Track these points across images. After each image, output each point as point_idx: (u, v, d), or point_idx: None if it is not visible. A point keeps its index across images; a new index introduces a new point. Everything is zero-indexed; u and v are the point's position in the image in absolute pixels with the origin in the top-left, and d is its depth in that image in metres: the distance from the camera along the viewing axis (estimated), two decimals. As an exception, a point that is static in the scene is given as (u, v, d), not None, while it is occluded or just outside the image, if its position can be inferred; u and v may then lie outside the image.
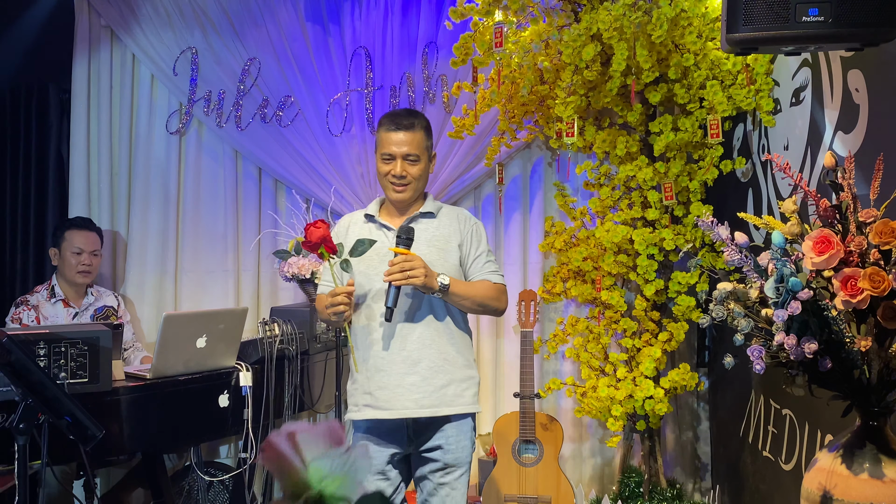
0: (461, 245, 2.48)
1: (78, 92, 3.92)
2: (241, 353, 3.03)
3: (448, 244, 2.46)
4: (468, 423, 2.46)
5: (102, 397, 2.57)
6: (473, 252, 2.50)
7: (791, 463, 2.56)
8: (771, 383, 2.80)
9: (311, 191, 3.86)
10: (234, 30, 3.88)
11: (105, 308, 3.57)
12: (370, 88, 3.85)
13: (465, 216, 2.55)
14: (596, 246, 3.52)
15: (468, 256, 2.49)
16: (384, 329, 2.39)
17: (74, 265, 3.46)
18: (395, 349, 2.38)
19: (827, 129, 2.34)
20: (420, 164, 2.45)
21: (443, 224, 2.49)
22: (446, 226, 2.49)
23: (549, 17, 3.21)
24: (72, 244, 3.46)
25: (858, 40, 1.78)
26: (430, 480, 2.43)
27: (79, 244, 3.47)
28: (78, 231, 3.49)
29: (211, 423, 2.92)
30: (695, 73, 3.08)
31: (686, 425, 3.80)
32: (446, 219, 2.51)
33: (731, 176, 3.26)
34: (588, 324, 3.58)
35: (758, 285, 1.67)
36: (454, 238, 2.48)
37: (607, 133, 3.46)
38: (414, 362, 2.37)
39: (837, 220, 1.63)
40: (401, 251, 2.30)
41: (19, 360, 1.90)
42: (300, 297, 3.76)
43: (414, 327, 2.39)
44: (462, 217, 2.54)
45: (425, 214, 2.50)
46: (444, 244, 2.46)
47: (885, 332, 1.55)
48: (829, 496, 1.58)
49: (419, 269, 2.26)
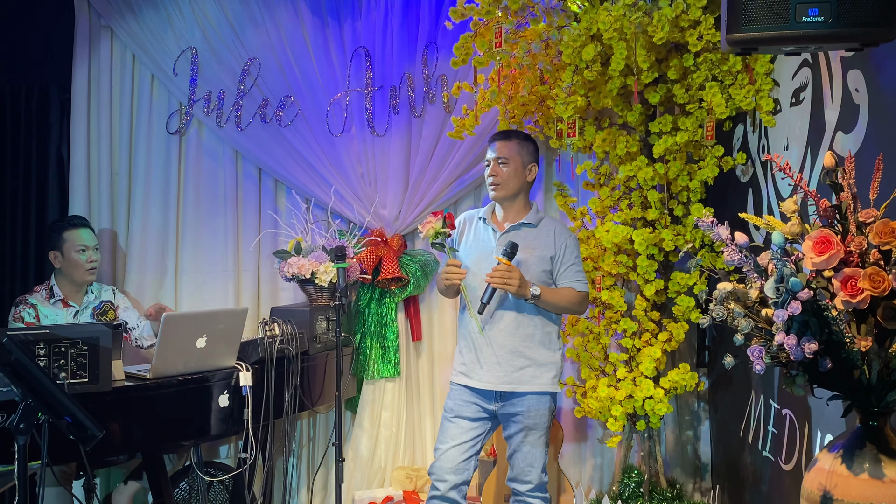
0: (553, 257, 2.90)
1: (78, 92, 3.91)
2: (241, 353, 3.03)
3: (543, 253, 2.88)
4: (546, 398, 2.88)
5: (102, 397, 2.57)
6: (565, 262, 2.91)
7: (791, 463, 2.56)
8: (771, 383, 2.80)
9: (311, 191, 3.86)
10: (234, 30, 3.87)
11: (103, 303, 3.55)
12: (370, 88, 3.85)
13: (561, 230, 2.96)
14: (596, 246, 3.52)
15: (559, 265, 2.91)
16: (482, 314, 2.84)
17: (82, 263, 3.43)
18: (486, 332, 2.86)
19: (827, 129, 2.34)
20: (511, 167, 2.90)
21: (541, 235, 2.92)
22: (544, 237, 2.91)
23: (549, 17, 3.21)
24: (74, 243, 3.44)
25: (858, 40, 1.78)
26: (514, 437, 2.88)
27: (81, 242, 3.45)
28: (76, 230, 3.47)
29: (211, 423, 2.92)
30: (695, 73, 3.08)
31: (686, 425, 3.80)
32: (545, 230, 2.93)
33: (731, 176, 3.26)
34: (588, 324, 3.57)
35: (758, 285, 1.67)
36: (549, 250, 2.89)
37: (607, 133, 3.46)
38: (500, 345, 2.84)
39: (837, 220, 1.64)
40: (503, 261, 2.75)
41: (19, 360, 1.89)
42: (300, 297, 3.76)
43: (503, 315, 2.85)
44: (559, 231, 2.94)
45: (526, 224, 2.93)
46: (540, 253, 2.88)
47: (885, 332, 1.55)
48: (829, 496, 1.58)
49: (515, 280, 2.73)
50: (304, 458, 3.92)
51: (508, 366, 2.84)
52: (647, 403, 3.33)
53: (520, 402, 2.86)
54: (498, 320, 2.86)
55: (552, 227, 2.95)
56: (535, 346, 2.86)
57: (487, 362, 2.85)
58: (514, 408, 2.87)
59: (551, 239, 2.91)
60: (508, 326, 2.85)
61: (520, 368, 2.84)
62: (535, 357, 2.86)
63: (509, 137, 2.98)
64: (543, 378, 2.87)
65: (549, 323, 2.91)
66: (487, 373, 2.85)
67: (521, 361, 2.84)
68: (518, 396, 2.86)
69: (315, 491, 3.87)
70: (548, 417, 2.90)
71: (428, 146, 3.79)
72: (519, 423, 2.87)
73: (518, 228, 2.93)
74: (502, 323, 2.86)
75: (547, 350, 2.89)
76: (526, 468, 2.88)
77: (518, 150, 2.94)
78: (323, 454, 3.87)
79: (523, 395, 2.85)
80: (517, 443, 2.89)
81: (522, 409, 2.86)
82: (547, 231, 2.93)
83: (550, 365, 2.88)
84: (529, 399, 2.85)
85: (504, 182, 2.92)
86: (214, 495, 3.49)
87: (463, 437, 2.88)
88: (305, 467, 3.92)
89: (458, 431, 2.88)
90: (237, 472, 3.24)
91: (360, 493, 3.73)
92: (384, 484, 3.82)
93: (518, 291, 2.75)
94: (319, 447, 3.92)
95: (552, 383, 2.89)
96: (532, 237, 2.91)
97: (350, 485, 3.78)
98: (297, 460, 3.87)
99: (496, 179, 2.93)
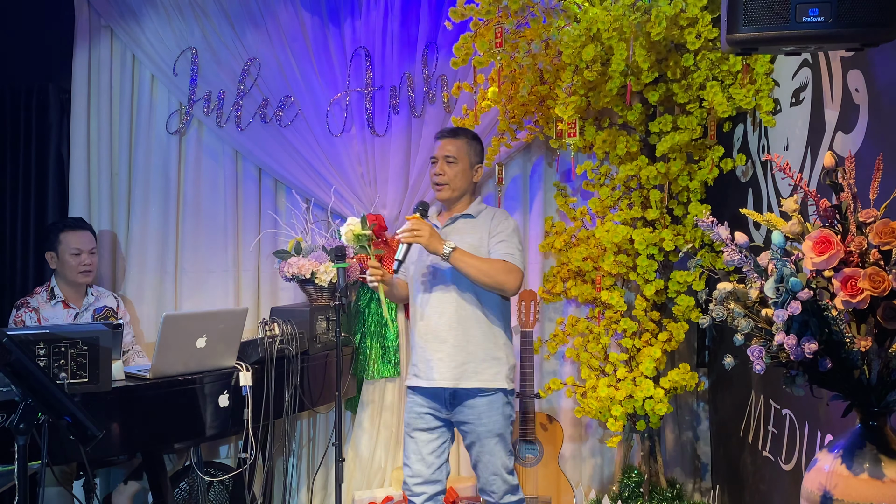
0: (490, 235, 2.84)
1: (78, 92, 3.91)
2: (241, 353, 3.03)
3: (478, 242, 2.84)
4: (497, 396, 2.83)
5: (102, 397, 2.57)
6: (496, 238, 2.83)
7: (791, 463, 2.56)
8: (771, 383, 2.80)
9: (311, 191, 3.86)
10: (234, 30, 3.87)
11: (105, 308, 3.56)
12: (370, 88, 3.85)
13: (500, 215, 2.92)
14: (596, 246, 3.52)
15: (490, 242, 2.84)
16: (425, 315, 2.86)
17: (75, 266, 3.44)
18: (430, 331, 2.85)
19: (827, 129, 2.34)
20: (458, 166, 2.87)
21: (478, 223, 2.88)
22: (481, 225, 2.88)
23: (549, 17, 3.21)
24: (69, 246, 3.45)
25: (858, 40, 1.78)
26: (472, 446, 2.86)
27: (76, 245, 3.45)
28: (73, 232, 3.47)
29: (211, 423, 2.92)
30: (694, 73, 3.08)
31: (686, 425, 3.80)
32: (483, 219, 2.90)
33: (732, 176, 3.26)
34: (588, 324, 3.58)
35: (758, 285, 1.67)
36: (485, 235, 2.85)
37: (607, 133, 3.46)
38: (442, 341, 2.81)
39: (837, 220, 1.64)
40: (414, 217, 2.75)
41: (19, 360, 1.89)
42: (300, 297, 3.76)
43: (444, 312, 2.83)
44: (497, 216, 2.90)
45: (465, 216, 2.91)
46: (473, 241, 2.83)
47: (885, 332, 1.55)
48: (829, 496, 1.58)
49: (425, 232, 2.69)
50: (304, 458, 3.92)
51: (452, 361, 2.80)
52: (647, 403, 3.33)
53: (470, 408, 2.82)
54: (440, 316, 2.83)
55: (491, 215, 2.92)
56: (479, 342, 2.82)
57: (433, 359, 2.82)
58: (464, 415, 2.83)
59: (487, 224, 2.87)
60: (450, 321, 2.81)
61: (464, 363, 2.80)
62: (480, 353, 2.82)
63: (457, 135, 2.93)
64: (489, 373, 2.82)
65: (494, 319, 2.86)
66: (434, 370, 2.82)
67: (463, 357, 2.80)
68: (468, 399, 2.82)
69: (315, 491, 3.87)
70: (502, 419, 2.84)
71: (428, 146, 3.79)
72: (473, 431, 2.83)
73: (456, 220, 2.91)
74: (444, 318, 2.82)
75: (492, 345, 2.84)
76: (490, 478, 2.85)
77: (466, 150, 2.90)
78: (323, 454, 3.87)
79: (473, 398, 2.81)
80: (476, 453, 2.86)
81: (473, 418, 2.82)
82: (485, 220, 2.90)
83: (496, 360, 2.83)
84: (479, 403, 2.81)
85: (450, 182, 2.88)
86: (214, 495, 3.49)
87: (425, 449, 2.88)
88: (305, 467, 3.92)
89: (419, 446, 2.89)
90: (237, 472, 3.24)
91: (360, 493, 3.73)
92: (384, 484, 3.82)
93: (429, 243, 2.69)
94: (319, 447, 3.92)
95: (501, 379, 2.83)
96: (470, 227, 2.88)
97: (350, 485, 3.78)
98: (297, 460, 3.87)
99: (443, 179, 2.88)
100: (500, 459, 2.84)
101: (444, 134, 2.95)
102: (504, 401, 2.86)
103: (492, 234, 2.85)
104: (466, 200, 2.95)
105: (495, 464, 2.83)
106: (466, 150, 2.90)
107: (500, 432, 2.84)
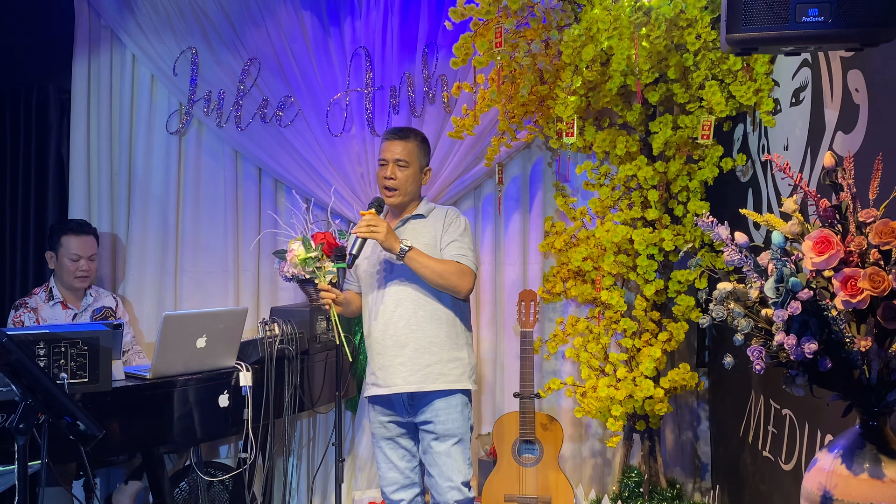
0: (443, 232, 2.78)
1: (78, 92, 3.91)
2: (241, 353, 3.03)
3: (431, 241, 2.78)
4: (456, 398, 2.77)
5: (102, 397, 2.57)
6: (448, 238, 2.78)
7: (791, 463, 2.56)
8: (771, 383, 2.80)
9: (311, 191, 3.86)
10: (234, 30, 3.87)
11: (103, 309, 3.56)
12: (370, 88, 3.85)
13: (452, 214, 2.85)
14: (596, 246, 3.52)
15: (442, 243, 2.78)
16: (380, 319, 2.79)
17: (72, 271, 3.44)
18: (388, 335, 2.76)
19: (827, 129, 2.34)
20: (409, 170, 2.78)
21: (429, 223, 2.82)
22: (432, 225, 2.81)
23: (549, 17, 3.21)
24: (69, 250, 3.44)
25: (858, 40, 1.78)
26: (429, 450, 2.77)
27: (76, 250, 3.45)
28: (75, 236, 3.47)
29: (211, 423, 2.92)
30: (694, 72, 3.08)
31: (686, 425, 3.80)
32: (434, 219, 2.83)
33: (731, 176, 3.26)
34: (588, 324, 3.58)
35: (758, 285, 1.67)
36: (437, 235, 2.79)
37: (607, 133, 3.46)
38: (402, 345, 2.74)
39: (837, 220, 1.64)
40: (370, 213, 2.67)
41: (19, 360, 1.89)
42: (300, 297, 3.76)
43: (402, 315, 2.75)
44: (448, 215, 2.83)
45: (416, 216, 2.84)
46: (426, 240, 2.77)
47: (885, 332, 1.55)
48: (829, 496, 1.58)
49: (382, 228, 2.61)
50: (304, 458, 3.92)
51: (413, 364, 2.72)
52: (647, 403, 3.33)
53: (429, 408, 2.75)
54: (398, 318, 2.75)
55: (442, 213, 2.84)
56: (442, 342, 2.75)
57: (394, 364, 2.74)
58: (423, 416, 2.76)
59: (440, 223, 2.80)
60: (409, 323, 2.74)
61: (425, 366, 2.73)
62: (441, 354, 2.74)
63: (408, 137, 2.82)
64: (454, 374, 2.75)
65: (454, 316, 2.79)
66: (396, 375, 2.74)
67: (426, 359, 2.73)
68: (428, 402, 2.75)
69: (315, 491, 3.87)
70: (462, 421, 2.78)
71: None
72: (430, 431, 2.76)
73: (407, 222, 2.83)
74: (402, 322, 2.74)
75: (454, 345, 2.78)
76: (444, 484, 2.75)
77: (417, 153, 2.81)
78: (323, 454, 3.87)
79: (431, 399, 2.75)
80: (432, 456, 2.76)
81: (431, 417, 2.75)
82: (437, 218, 2.83)
83: (457, 361, 2.77)
84: (438, 404, 2.75)
85: (401, 187, 2.79)
86: (214, 495, 3.49)
87: (394, 456, 2.85)
88: (305, 467, 3.92)
89: (388, 454, 2.87)
90: (237, 472, 3.24)
91: (360, 493, 3.73)
92: (384, 484, 3.82)
93: (385, 239, 2.61)
94: (319, 447, 3.92)
95: (461, 380, 2.78)
96: (422, 227, 2.81)
97: (350, 485, 3.78)
98: (297, 460, 3.87)
99: (394, 184, 2.78)
100: (457, 463, 2.75)
101: (394, 135, 2.82)
102: (465, 402, 2.80)
103: (444, 230, 2.78)
104: (415, 202, 2.87)
105: (452, 466, 2.74)
106: (417, 153, 2.81)
107: (460, 436, 2.77)
